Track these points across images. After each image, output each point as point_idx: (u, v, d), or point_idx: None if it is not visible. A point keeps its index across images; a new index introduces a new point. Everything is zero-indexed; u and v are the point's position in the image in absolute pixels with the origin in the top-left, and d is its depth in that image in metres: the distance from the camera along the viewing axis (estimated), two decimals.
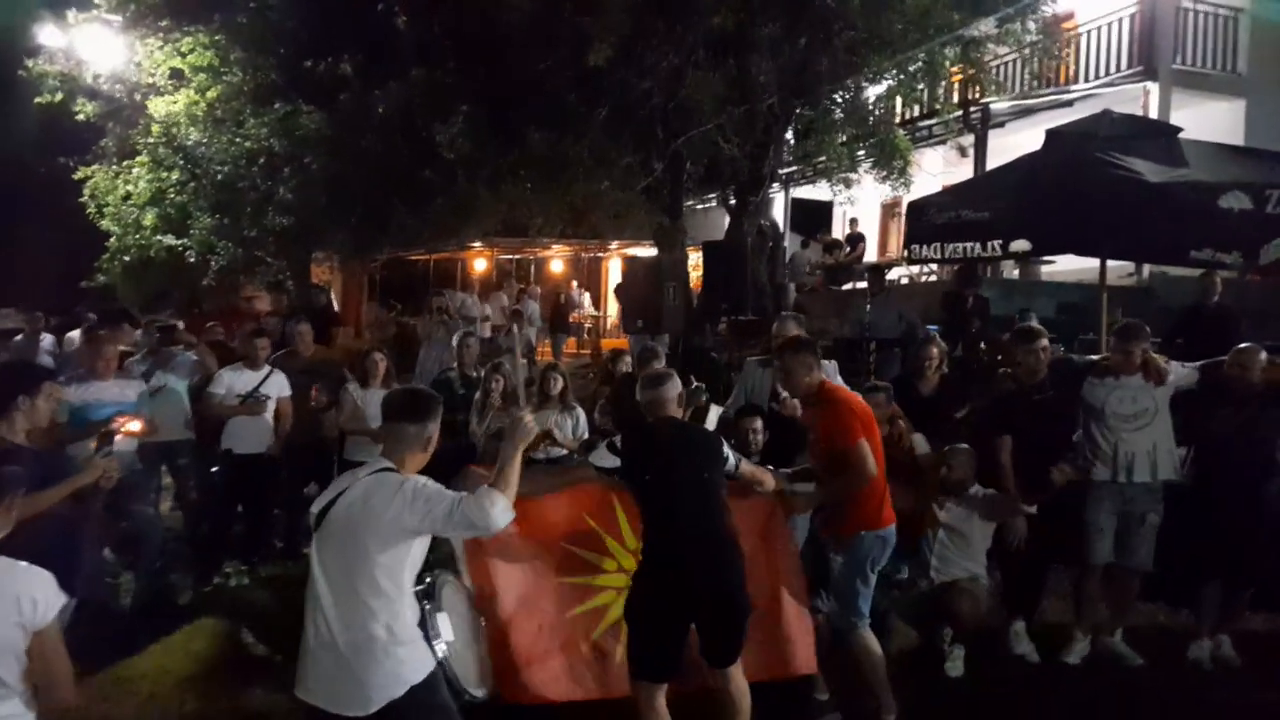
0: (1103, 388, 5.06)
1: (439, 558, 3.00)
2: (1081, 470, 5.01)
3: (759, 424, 5.23)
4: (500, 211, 12.99)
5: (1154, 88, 13.54)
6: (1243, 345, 5.10)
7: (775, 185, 11.33)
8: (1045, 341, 5.31)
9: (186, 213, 16.30)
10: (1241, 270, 8.03)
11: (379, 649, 2.83)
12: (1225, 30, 14.26)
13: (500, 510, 2.89)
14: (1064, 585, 5.49)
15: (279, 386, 6.53)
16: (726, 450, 3.93)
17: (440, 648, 3.04)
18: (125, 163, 16.85)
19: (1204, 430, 5.12)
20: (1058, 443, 5.11)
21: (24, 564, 2.42)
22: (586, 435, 6.09)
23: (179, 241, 16.41)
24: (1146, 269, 11.75)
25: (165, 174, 16.19)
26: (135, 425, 4.82)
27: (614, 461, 4.03)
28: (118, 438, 4.44)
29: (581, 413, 6.27)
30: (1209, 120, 12.24)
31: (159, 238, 16.52)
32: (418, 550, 2.97)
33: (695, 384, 5.62)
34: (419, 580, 3.10)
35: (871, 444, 4.16)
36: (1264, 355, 5.05)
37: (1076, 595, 5.24)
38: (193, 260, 16.40)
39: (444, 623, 3.16)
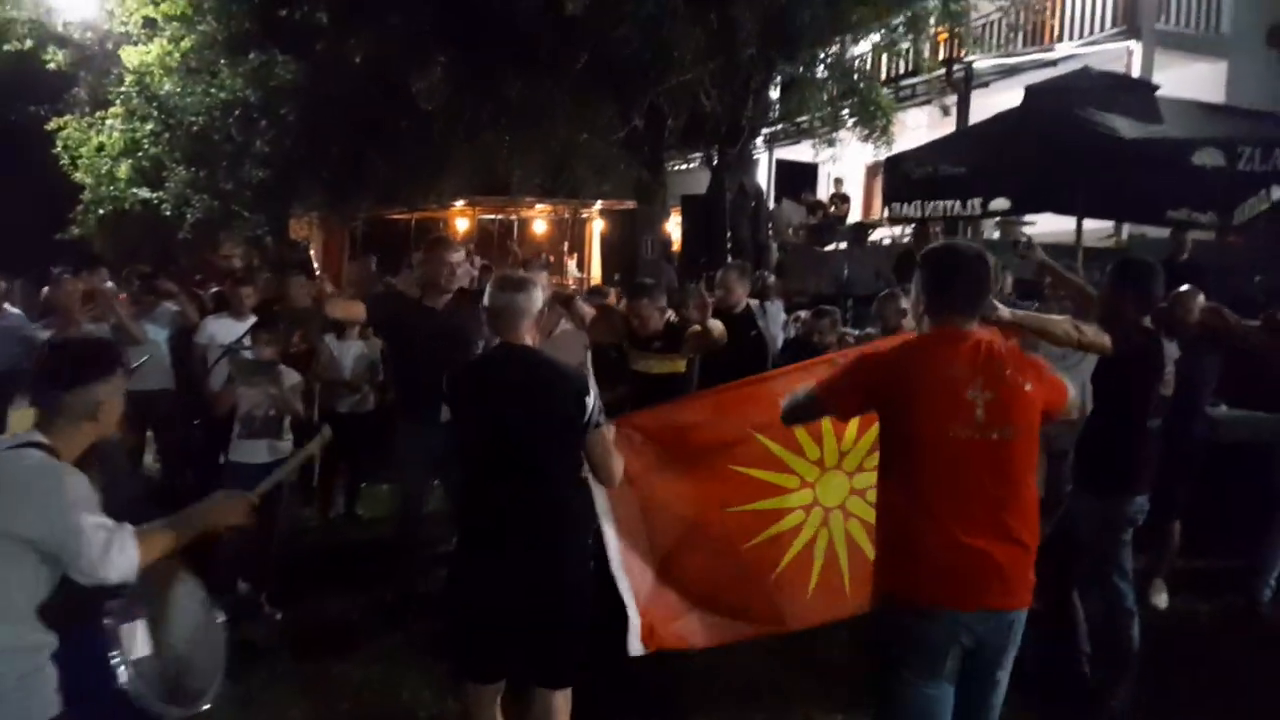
0: None
1: None
2: None
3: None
4: (478, 164, 12.85)
5: (1137, 47, 13.50)
6: (1182, 289, 5.23)
7: (759, 145, 11.24)
8: None
9: (161, 165, 16.07)
10: (1218, 230, 8.09)
11: None
12: None
13: (126, 564, 2.20)
14: None
15: None
16: (590, 396, 2.93)
17: (124, 671, 2.33)
18: (98, 113, 16.57)
19: None
20: None
21: None
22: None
23: (154, 194, 16.17)
24: (1125, 231, 11.82)
25: (139, 125, 15.93)
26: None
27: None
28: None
29: None
30: (1192, 81, 12.24)
31: (133, 190, 16.28)
32: (38, 573, 2.17)
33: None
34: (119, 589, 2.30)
35: None
36: (1201, 298, 5.19)
37: None
38: (168, 214, 16.18)
39: (134, 636, 2.42)
